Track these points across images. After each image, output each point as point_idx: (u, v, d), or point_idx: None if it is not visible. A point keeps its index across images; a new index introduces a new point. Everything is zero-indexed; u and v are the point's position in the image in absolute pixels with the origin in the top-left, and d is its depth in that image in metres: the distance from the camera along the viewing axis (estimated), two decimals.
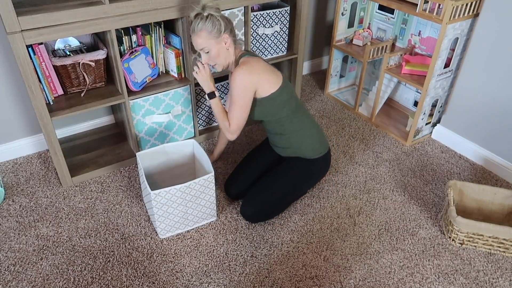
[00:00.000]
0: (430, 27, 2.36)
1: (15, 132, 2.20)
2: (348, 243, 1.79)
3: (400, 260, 1.72)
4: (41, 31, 1.64)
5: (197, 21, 1.68)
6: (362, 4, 2.63)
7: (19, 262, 1.68)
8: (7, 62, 2.00)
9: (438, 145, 2.42)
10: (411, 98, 2.64)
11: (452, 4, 1.93)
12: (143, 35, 2.05)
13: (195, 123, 2.32)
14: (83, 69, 1.94)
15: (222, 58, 1.77)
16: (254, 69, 1.72)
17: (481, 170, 2.22)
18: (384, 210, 1.97)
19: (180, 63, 2.12)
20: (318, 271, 1.67)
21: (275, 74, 1.79)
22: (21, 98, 2.13)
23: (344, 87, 2.98)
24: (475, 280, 1.65)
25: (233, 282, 1.62)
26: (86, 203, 1.97)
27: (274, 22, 2.32)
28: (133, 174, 2.15)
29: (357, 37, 2.64)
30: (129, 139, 2.24)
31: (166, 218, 1.72)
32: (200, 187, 1.72)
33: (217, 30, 1.69)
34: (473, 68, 2.14)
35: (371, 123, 2.59)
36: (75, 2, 1.74)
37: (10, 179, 2.10)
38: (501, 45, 1.99)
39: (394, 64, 2.42)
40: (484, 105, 2.15)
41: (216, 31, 1.69)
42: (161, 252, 1.73)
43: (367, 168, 2.22)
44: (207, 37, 1.69)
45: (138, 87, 2.03)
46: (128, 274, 1.64)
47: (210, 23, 1.67)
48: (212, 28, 1.68)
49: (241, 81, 1.70)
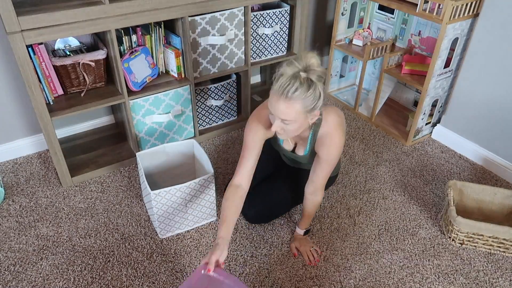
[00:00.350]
0: (430, 27, 2.36)
1: (15, 132, 2.20)
2: (348, 243, 1.79)
3: (400, 260, 1.72)
4: (41, 31, 1.64)
5: (294, 85, 1.27)
6: (362, 4, 2.63)
7: (19, 262, 1.68)
8: (7, 62, 2.00)
9: (438, 145, 2.42)
10: (411, 98, 2.64)
11: (452, 4, 1.93)
12: (143, 35, 2.05)
13: (195, 123, 2.32)
14: (83, 69, 1.94)
15: (298, 131, 1.42)
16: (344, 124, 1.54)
17: (481, 170, 2.22)
18: (384, 210, 1.97)
19: (180, 63, 2.12)
20: (318, 271, 1.67)
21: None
22: (21, 98, 2.13)
23: (344, 87, 2.98)
24: (475, 280, 1.65)
25: None
26: (86, 203, 1.97)
27: (274, 22, 2.32)
28: (133, 174, 2.15)
29: (357, 37, 2.64)
30: (129, 139, 2.24)
31: (166, 218, 1.72)
32: (200, 187, 1.72)
33: (314, 105, 1.32)
34: (473, 68, 2.14)
35: (371, 123, 2.59)
36: (75, 2, 1.74)
37: (10, 179, 2.10)
38: (501, 45, 1.99)
39: (394, 64, 2.42)
40: (484, 105, 2.15)
41: (314, 105, 1.32)
42: (161, 252, 1.73)
43: (367, 168, 2.22)
44: (299, 110, 1.31)
45: (138, 87, 2.03)
46: (128, 274, 1.64)
47: (312, 96, 1.29)
48: (312, 101, 1.30)
49: (342, 144, 1.51)
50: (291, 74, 1.28)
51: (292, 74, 1.28)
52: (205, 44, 2.12)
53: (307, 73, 1.28)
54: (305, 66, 1.30)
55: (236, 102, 2.47)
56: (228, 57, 2.24)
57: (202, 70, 2.20)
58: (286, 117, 1.32)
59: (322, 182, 1.60)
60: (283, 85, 1.28)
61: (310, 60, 1.31)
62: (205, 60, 2.18)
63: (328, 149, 1.51)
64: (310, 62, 1.30)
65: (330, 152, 1.51)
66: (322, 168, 1.56)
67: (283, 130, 1.39)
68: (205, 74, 2.22)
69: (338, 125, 1.50)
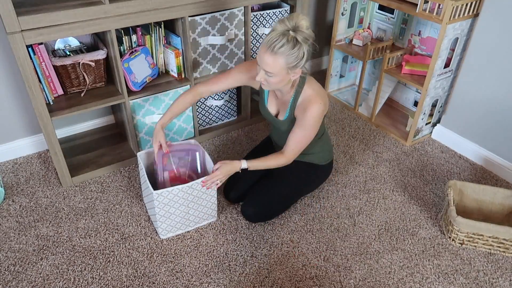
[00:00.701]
0: (430, 27, 2.36)
1: (15, 132, 2.20)
2: (348, 243, 1.79)
3: (400, 260, 1.72)
4: (41, 31, 1.63)
5: (280, 41, 1.39)
6: (362, 4, 2.63)
7: (19, 262, 1.68)
8: (7, 62, 2.00)
9: (438, 145, 2.42)
10: (411, 98, 2.64)
11: (452, 4, 1.93)
12: (143, 35, 2.05)
13: (195, 123, 2.32)
14: (83, 69, 1.94)
15: (279, 85, 1.55)
16: (326, 98, 1.62)
17: (481, 170, 2.22)
18: (384, 210, 1.97)
19: (180, 63, 2.12)
20: (318, 271, 1.67)
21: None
22: (21, 98, 2.13)
23: (344, 87, 2.98)
24: (475, 280, 1.65)
25: (233, 282, 1.62)
26: (86, 203, 1.97)
27: (274, 22, 2.32)
28: (133, 174, 2.15)
29: (357, 37, 2.64)
30: (129, 139, 2.24)
31: (167, 219, 1.72)
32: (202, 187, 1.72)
33: (296, 63, 1.45)
34: (473, 68, 2.14)
35: (371, 123, 2.59)
36: (75, 2, 1.74)
37: (10, 179, 2.10)
38: (501, 45, 1.99)
39: (394, 64, 2.42)
40: (484, 105, 2.15)
41: (295, 64, 1.45)
42: (161, 252, 1.73)
43: (367, 168, 2.22)
44: (282, 65, 1.44)
45: (138, 87, 2.03)
46: (128, 274, 1.64)
47: (295, 54, 1.42)
48: (294, 60, 1.43)
49: (319, 114, 1.59)
50: (280, 31, 1.40)
51: (281, 31, 1.40)
52: (205, 44, 2.12)
53: (295, 33, 1.40)
54: (294, 26, 1.40)
55: (236, 102, 2.47)
56: (228, 57, 2.24)
57: (202, 70, 2.20)
58: (270, 70, 1.45)
59: (292, 147, 1.65)
60: (271, 40, 1.40)
61: (300, 22, 1.41)
62: (205, 60, 2.18)
63: (304, 112, 1.59)
64: (299, 23, 1.41)
65: (306, 117, 1.59)
66: (294, 132, 1.65)
67: (266, 81, 1.52)
68: (205, 74, 2.22)
69: (319, 96, 1.59)
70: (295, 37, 1.40)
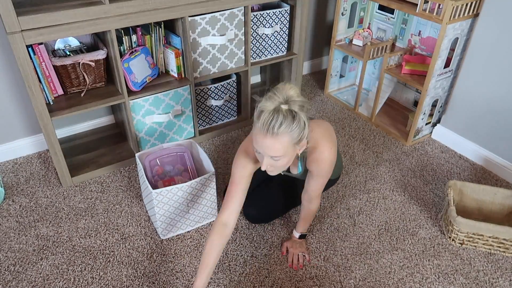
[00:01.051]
0: (430, 27, 2.36)
1: (15, 132, 2.20)
2: (348, 243, 1.79)
3: (400, 260, 1.72)
4: (41, 31, 1.64)
5: (278, 120, 1.21)
6: (362, 4, 2.63)
7: (19, 262, 1.68)
8: (7, 62, 2.00)
9: (438, 145, 2.42)
10: (411, 98, 2.64)
11: (452, 4, 1.93)
12: (143, 35, 2.05)
13: (195, 123, 2.32)
14: (83, 69, 1.94)
15: (288, 164, 1.37)
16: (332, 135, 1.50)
17: (481, 170, 2.22)
18: (384, 210, 1.97)
19: (180, 63, 2.12)
20: (318, 271, 1.67)
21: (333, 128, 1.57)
22: (21, 98, 2.13)
23: (344, 87, 2.98)
24: (475, 280, 1.65)
25: (233, 282, 1.62)
26: (86, 203, 1.97)
27: (274, 22, 2.32)
28: (133, 174, 2.15)
29: (357, 37, 2.64)
30: (129, 139, 2.24)
31: (167, 218, 1.72)
32: (201, 186, 1.72)
33: (301, 137, 1.28)
34: (473, 68, 2.14)
35: (371, 123, 2.59)
36: (75, 2, 1.74)
37: (10, 179, 2.10)
38: (501, 45, 1.99)
39: (394, 64, 2.42)
40: (484, 105, 2.15)
41: (300, 137, 1.28)
42: (161, 252, 1.73)
43: (367, 168, 2.22)
44: (288, 144, 1.26)
45: (138, 87, 2.03)
46: (128, 274, 1.64)
47: (297, 127, 1.24)
48: (299, 133, 1.26)
49: (333, 158, 1.47)
50: (272, 109, 1.23)
51: (273, 108, 1.23)
52: (205, 44, 2.12)
53: (288, 105, 1.23)
54: (285, 98, 1.24)
55: (236, 102, 2.47)
56: (228, 57, 2.24)
57: (202, 70, 2.20)
58: (276, 154, 1.27)
59: (317, 192, 1.58)
60: (267, 122, 1.22)
61: (289, 92, 1.26)
62: (205, 60, 2.18)
63: (318, 165, 1.47)
64: (289, 94, 1.26)
65: (321, 168, 1.48)
66: (316, 181, 1.54)
67: (273, 167, 1.34)
68: (205, 74, 2.22)
69: (324, 139, 1.46)
70: (291, 109, 1.23)
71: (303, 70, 3.13)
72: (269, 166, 1.33)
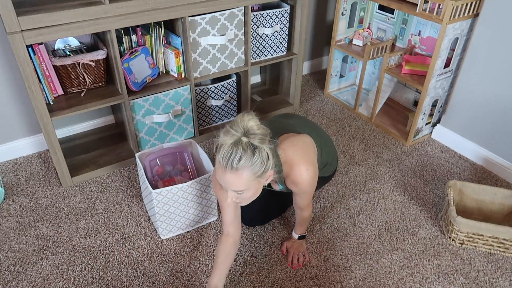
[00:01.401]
0: (430, 27, 2.36)
1: (15, 132, 2.20)
2: (348, 243, 1.79)
3: (400, 260, 1.72)
4: (41, 31, 1.64)
5: (237, 155, 1.18)
6: (362, 4, 2.63)
7: (19, 262, 1.68)
8: (7, 62, 2.00)
9: (438, 145, 2.42)
10: (411, 98, 2.64)
11: (452, 4, 1.93)
12: (143, 35, 2.05)
13: (195, 123, 2.32)
14: (83, 69, 1.94)
15: (257, 195, 1.34)
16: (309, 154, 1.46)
17: (481, 170, 2.22)
18: (384, 210, 1.97)
19: (180, 63, 2.12)
20: (318, 271, 1.67)
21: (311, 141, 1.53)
22: (21, 98, 2.13)
23: (344, 87, 2.98)
24: (475, 280, 1.65)
25: (233, 282, 1.62)
26: (86, 203, 1.97)
27: (274, 22, 2.32)
28: (133, 174, 2.15)
29: (357, 37, 2.64)
30: (129, 139, 2.24)
31: (167, 218, 1.72)
32: (201, 186, 1.72)
33: (264, 169, 1.23)
34: (473, 68, 2.14)
35: (371, 123, 2.59)
36: (75, 2, 1.74)
37: (10, 179, 2.10)
38: (501, 45, 1.99)
39: (394, 64, 2.42)
40: (484, 105, 2.15)
41: (264, 170, 1.23)
42: (161, 252, 1.73)
43: (367, 168, 2.22)
44: (250, 178, 1.22)
45: (138, 87, 2.03)
46: (128, 274, 1.64)
47: (259, 160, 1.20)
48: (260, 166, 1.21)
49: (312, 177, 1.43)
50: (231, 143, 1.19)
51: (232, 142, 1.19)
52: (205, 44, 2.12)
53: (248, 138, 1.19)
54: (243, 130, 1.20)
55: (236, 102, 2.47)
56: (228, 57, 2.24)
57: (202, 70, 2.20)
58: (237, 188, 1.24)
59: (306, 203, 1.56)
60: (225, 156, 1.19)
61: (248, 124, 1.22)
62: (205, 60, 2.18)
63: (297, 186, 1.45)
64: (248, 126, 1.21)
65: (300, 187, 1.45)
66: (301, 197, 1.53)
67: (239, 199, 1.31)
68: (205, 74, 2.22)
69: (299, 160, 1.41)
70: (250, 142, 1.19)
71: (303, 70, 3.13)
72: (234, 198, 1.30)
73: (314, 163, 1.46)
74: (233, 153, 1.18)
